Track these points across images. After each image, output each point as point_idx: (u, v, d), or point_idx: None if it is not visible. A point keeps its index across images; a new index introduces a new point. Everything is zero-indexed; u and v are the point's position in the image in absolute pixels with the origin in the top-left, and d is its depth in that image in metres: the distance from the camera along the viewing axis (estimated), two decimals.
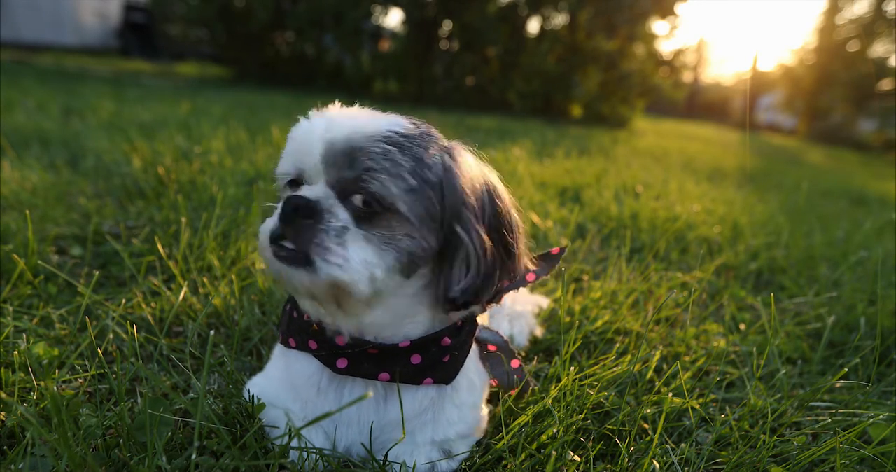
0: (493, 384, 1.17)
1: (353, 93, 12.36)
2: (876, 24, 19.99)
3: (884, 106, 19.49)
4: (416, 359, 0.93)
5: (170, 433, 0.93)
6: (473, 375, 1.04)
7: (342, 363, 0.93)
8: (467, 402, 1.01)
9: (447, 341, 0.94)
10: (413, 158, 0.82)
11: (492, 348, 1.12)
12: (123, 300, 1.45)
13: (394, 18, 13.47)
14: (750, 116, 23.42)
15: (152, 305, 1.49)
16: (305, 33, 12.96)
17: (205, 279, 1.58)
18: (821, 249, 2.87)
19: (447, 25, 12.96)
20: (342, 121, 0.84)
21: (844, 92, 20.43)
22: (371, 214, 0.81)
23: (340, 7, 12.27)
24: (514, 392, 1.14)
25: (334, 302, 0.84)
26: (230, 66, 14.32)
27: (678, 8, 12.90)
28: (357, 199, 0.81)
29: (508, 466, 0.93)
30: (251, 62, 13.46)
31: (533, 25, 13.25)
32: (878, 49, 20.49)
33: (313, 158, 0.83)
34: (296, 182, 0.88)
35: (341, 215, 0.80)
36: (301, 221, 0.79)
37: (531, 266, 1.00)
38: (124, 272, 1.75)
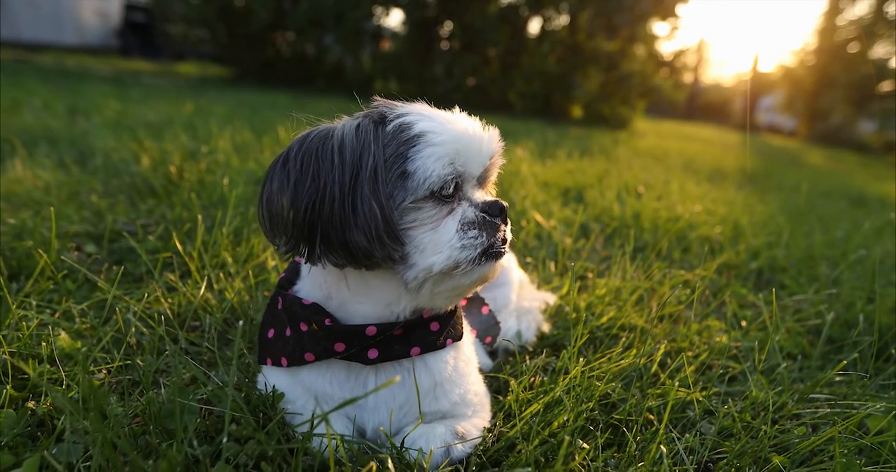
0: (474, 334, 1.29)
1: (354, 93, 12.38)
2: (876, 25, 20.02)
3: (884, 107, 19.53)
4: (434, 326, 1.02)
5: (198, 420, 0.96)
6: (466, 330, 1.15)
7: (373, 353, 0.98)
8: (472, 357, 1.15)
9: None
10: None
11: (463, 302, 1.24)
12: (146, 294, 1.49)
13: (394, 18, 13.50)
14: (750, 117, 23.46)
15: (169, 300, 1.53)
16: (306, 33, 12.98)
17: (221, 275, 1.61)
18: (821, 248, 2.91)
19: (448, 26, 13.00)
20: (491, 132, 0.99)
21: (845, 93, 20.47)
22: None
23: (341, 7, 12.30)
24: (489, 340, 1.32)
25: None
26: (230, 66, 14.34)
27: (679, 9, 12.94)
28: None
29: (522, 451, 0.97)
30: (252, 62, 13.48)
31: (533, 26, 13.29)
32: (879, 50, 20.53)
33: (482, 164, 0.98)
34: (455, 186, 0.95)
35: None
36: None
37: None
38: (139, 269, 1.79)
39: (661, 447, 0.95)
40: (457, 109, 1.00)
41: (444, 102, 1.02)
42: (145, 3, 16.98)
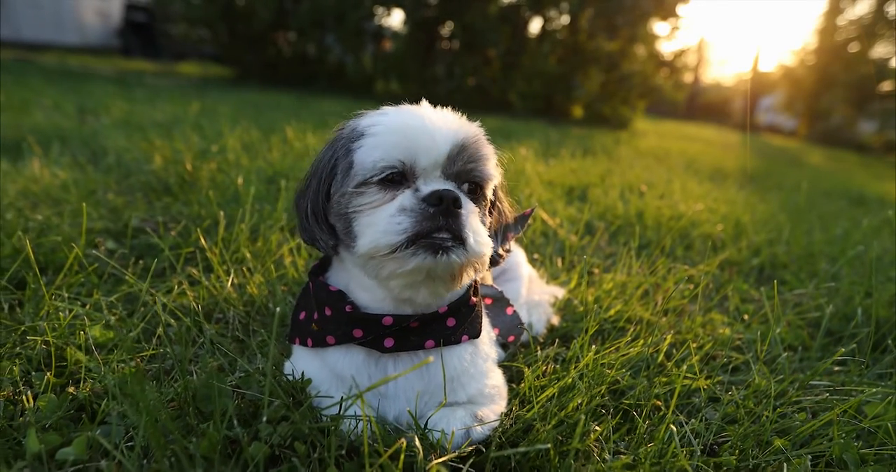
0: (496, 333, 1.32)
1: (356, 93, 12.46)
2: (877, 25, 20.06)
3: (884, 107, 19.57)
4: (451, 322, 1.07)
5: (233, 403, 1.02)
6: (486, 328, 1.19)
7: (389, 343, 1.04)
8: (490, 354, 1.18)
9: (473, 300, 1.10)
10: (488, 151, 1.03)
11: (488, 301, 1.30)
12: (175, 287, 1.54)
13: (395, 19, 13.55)
14: (750, 117, 23.51)
15: (192, 293, 1.58)
16: (308, 33, 13.02)
17: (245, 269, 1.67)
18: (820, 246, 2.97)
19: (449, 26, 13.04)
20: (456, 124, 1.00)
21: (845, 93, 20.51)
22: (473, 199, 1.01)
23: (342, 7, 12.35)
24: (511, 339, 1.34)
25: (450, 281, 0.99)
26: (232, 66, 14.38)
27: (679, 9, 12.99)
28: (465, 187, 1.00)
29: (540, 431, 1.03)
30: (253, 62, 13.52)
31: (534, 26, 13.34)
32: (879, 50, 20.56)
33: (437, 155, 0.97)
34: (400, 174, 0.97)
35: (468, 202, 0.97)
36: (454, 210, 0.92)
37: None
38: (159, 264, 1.85)
39: (672, 426, 1.01)
40: (423, 103, 1.05)
41: (445, 103, 1.08)
42: (146, 3, 17.01)
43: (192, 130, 4.31)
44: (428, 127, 0.97)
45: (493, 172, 1.03)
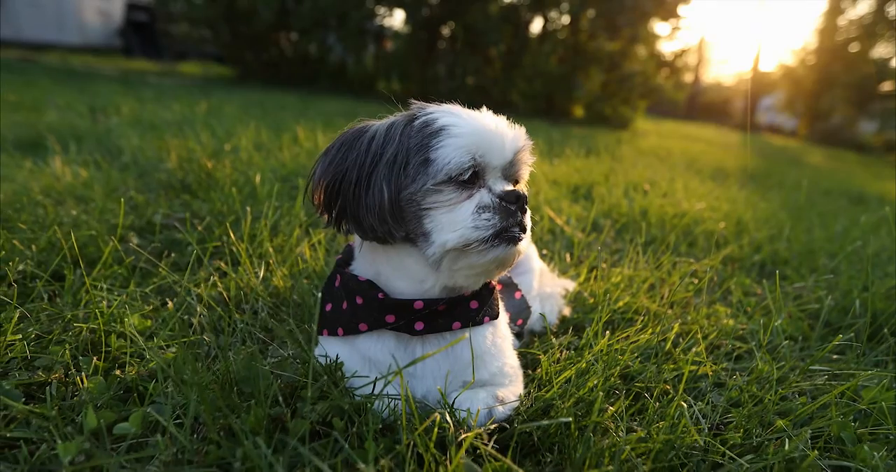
0: (507, 316, 1.40)
1: (357, 93, 12.54)
2: (877, 25, 20.13)
3: (885, 107, 19.66)
4: (474, 304, 1.16)
5: (275, 383, 1.10)
6: (502, 310, 1.28)
7: (419, 326, 1.12)
8: (508, 335, 1.27)
9: (492, 284, 1.19)
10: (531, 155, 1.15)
11: (499, 286, 1.37)
12: (208, 278, 1.62)
13: (397, 18, 13.61)
14: (751, 117, 23.59)
15: (220, 285, 1.66)
16: (310, 33, 13.08)
17: (271, 262, 1.75)
18: (820, 243, 3.05)
19: (450, 26, 13.11)
20: (517, 130, 1.11)
21: (845, 93, 20.60)
22: None
23: (344, 7, 12.42)
24: (520, 322, 1.43)
25: (508, 267, 1.11)
26: (233, 66, 14.45)
27: (680, 9, 13.06)
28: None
29: (559, 409, 1.10)
30: (254, 62, 13.59)
31: (535, 26, 13.42)
32: (880, 50, 20.65)
33: (504, 158, 1.08)
34: (475, 174, 1.06)
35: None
36: (524, 207, 1.07)
37: None
38: (185, 258, 1.93)
39: (682, 402, 1.09)
40: (484, 108, 1.14)
41: (446, 102, 1.15)
42: (147, 3, 17.06)
43: (203, 130, 4.39)
44: (499, 132, 1.07)
45: (526, 176, 1.18)
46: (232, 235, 1.72)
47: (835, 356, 1.65)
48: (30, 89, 6.26)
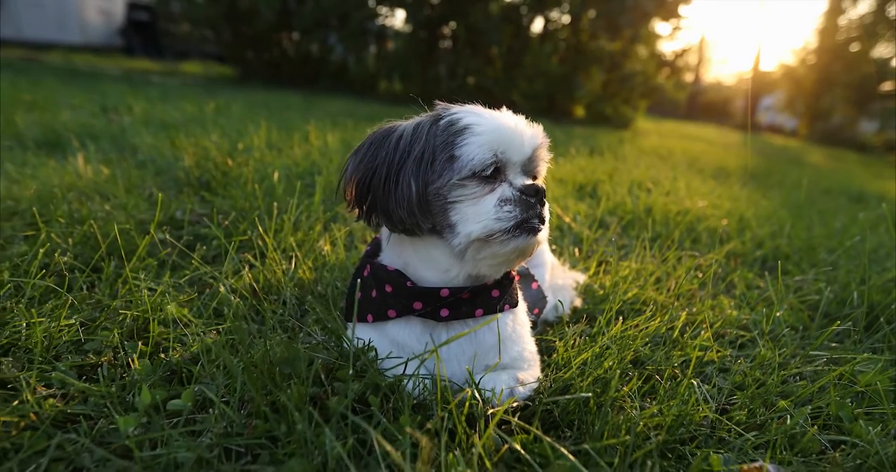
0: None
1: (358, 93, 12.61)
2: (878, 25, 20.18)
3: (885, 107, 19.72)
4: (495, 293, 1.24)
5: (318, 361, 1.18)
6: (521, 299, 1.36)
7: (445, 313, 1.20)
8: (526, 322, 1.35)
9: (511, 274, 1.28)
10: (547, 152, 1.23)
11: (517, 277, 1.44)
12: (239, 270, 1.71)
13: (398, 18, 13.66)
14: (751, 116, 23.67)
15: (249, 276, 1.74)
16: (311, 33, 13.13)
17: (296, 255, 1.83)
18: (820, 239, 3.14)
19: (451, 26, 13.17)
20: (535, 128, 1.19)
21: (846, 93, 20.65)
22: None
23: (345, 7, 12.48)
24: (536, 311, 1.51)
25: (528, 257, 1.18)
26: (235, 66, 14.50)
27: (681, 9, 13.12)
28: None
29: (577, 387, 1.19)
30: (256, 62, 13.63)
31: (536, 26, 13.47)
32: (880, 50, 20.69)
33: (523, 154, 1.16)
34: (497, 170, 1.14)
35: None
36: (543, 200, 1.15)
37: None
38: (210, 252, 2.01)
39: (693, 380, 1.17)
40: (504, 108, 1.22)
41: (448, 102, 1.23)
42: (148, 2, 17.10)
43: (214, 129, 4.47)
44: (519, 130, 1.15)
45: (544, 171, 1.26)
46: (260, 228, 1.81)
47: (833, 344, 1.73)
48: (38, 89, 6.33)
